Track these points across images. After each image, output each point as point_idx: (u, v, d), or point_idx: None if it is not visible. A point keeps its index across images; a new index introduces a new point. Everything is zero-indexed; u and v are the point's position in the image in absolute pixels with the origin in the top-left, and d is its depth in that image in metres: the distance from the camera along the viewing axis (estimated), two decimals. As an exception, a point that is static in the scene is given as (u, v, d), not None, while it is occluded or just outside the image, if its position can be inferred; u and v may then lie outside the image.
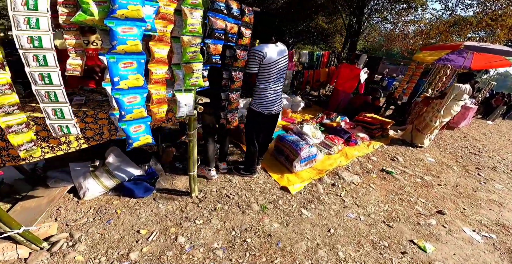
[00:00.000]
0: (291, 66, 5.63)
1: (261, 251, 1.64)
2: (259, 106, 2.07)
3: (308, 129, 3.55)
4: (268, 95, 2.04)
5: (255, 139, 2.28)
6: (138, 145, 1.26)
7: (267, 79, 1.96)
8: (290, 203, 2.20)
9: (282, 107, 2.28)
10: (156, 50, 1.15)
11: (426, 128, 3.95)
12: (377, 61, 5.79)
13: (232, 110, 1.95)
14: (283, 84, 2.18)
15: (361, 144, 3.83)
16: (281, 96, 2.19)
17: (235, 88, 1.82)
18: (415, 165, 3.44)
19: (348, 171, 2.94)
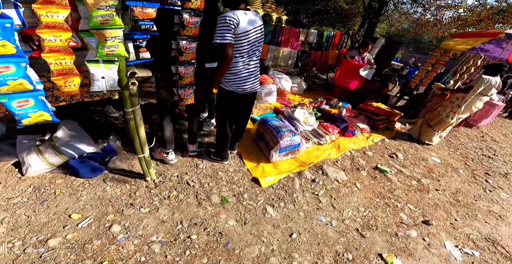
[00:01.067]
0: (296, 46, 5.05)
1: (205, 251, 1.46)
2: (230, 84, 1.75)
3: (300, 114, 3.19)
4: (241, 70, 1.70)
5: (228, 121, 1.99)
6: (31, 123, 1.01)
7: (239, 52, 1.63)
8: (257, 198, 1.98)
9: (259, 85, 1.95)
10: (43, 14, 0.89)
11: (439, 124, 3.49)
12: (396, 46, 4.99)
13: (185, 85, 1.62)
14: (259, 58, 1.82)
15: (359, 135, 3.47)
16: (258, 73, 1.84)
17: (185, 61, 1.48)
18: (416, 164, 3.09)
19: (335, 166, 2.65)
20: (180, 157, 2.26)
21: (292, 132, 2.40)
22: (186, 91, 1.64)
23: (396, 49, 4.96)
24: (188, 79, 1.58)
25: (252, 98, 2.04)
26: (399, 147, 3.47)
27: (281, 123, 2.61)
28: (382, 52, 4.95)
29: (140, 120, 1.46)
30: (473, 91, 3.10)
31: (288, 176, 2.32)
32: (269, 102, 3.99)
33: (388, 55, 4.94)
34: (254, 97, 2.05)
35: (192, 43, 1.46)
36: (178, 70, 1.49)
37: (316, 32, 5.03)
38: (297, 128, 3.07)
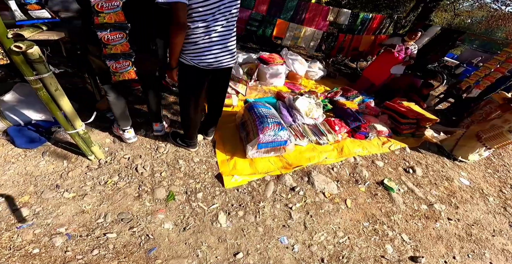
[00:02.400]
0: (322, 26, 4.32)
1: (118, 254, 1.23)
2: (192, 57, 1.37)
3: (303, 103, 2.71)
4: (205, 39, 1.30)
5: (193, 104, 1.64)
6: None
7: (199, 15, 1.20)
8: (212, 201, 1.68)
9: (234, 60, 1.52)
10: None
11: (495, 139, 2.73)
12: (454, 36, 3.88)
13: (115, 56, 1.25)
14: (233, 26, 1.38)
15: (374, 139, 2.90)
16: (230, 43, 1.41)
17: (107, 23, 1.10)
18: (435, 185, 2.51)
19: (328, 174, 2.21)
20: (142, 136, 2.01)
21: (280, 125, 1.97)
22: (119, 63, 1.28)
23: (454, 41, 3.93)
24: (118, 48, 1.21)
25: (225, 76, 1.64)
26: (422, 160, 2.86)
27: (271, 111, 2.18)
28: (433, 43, 3.99)
29: (56, 91, 1.17)
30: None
31: (263, 178, 1.96)
32: (274, 85, 3.51)
33: (440, 48, 3.96)
34: (227, 75, 1.64)
35: (118, 32, 1.09)
36: (100, 35, 1.12)
37: (349, 12, 4.22)
38: (295, 119, 2.62)
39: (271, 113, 2.13)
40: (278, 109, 2.72)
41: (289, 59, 3.81)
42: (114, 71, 1.29)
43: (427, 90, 3.77)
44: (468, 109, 3.64)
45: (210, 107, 1.89)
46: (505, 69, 3.22)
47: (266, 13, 4.29)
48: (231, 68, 1.58)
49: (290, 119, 2.58)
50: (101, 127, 2.00)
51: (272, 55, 3.48)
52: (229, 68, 1.56)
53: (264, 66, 3.29)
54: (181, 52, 1.35)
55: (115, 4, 1.04)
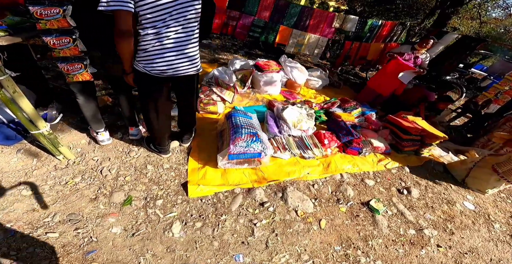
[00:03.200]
0: (327, 33, 4.26)
1: (53, 254, 1.24)
2: (144, 64, 1.37)
3: (291, 113, 2.65)
4: (156, 46, 1.31)
5: (154, 110, 1.61)
6: None
7: (148, 21, 1.22)
8: (171, 209, 1.66)
9: (195, 67, 1.52)
10: None
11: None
12: (472, 44, 3.58)
13: (65, 58, 1.30)
14: (193, 32, 1.38)
15: (369, 155, 2.75)
16: (188, 49, 1.41)
17: (49, 29, 1.16)
18: (432, 208, 2.30)
19: (306, 191, 2.12)
20: (117, 139, 2.07)
21: (254, 136, 1.93)
22: (71, 66, 1.34)
23: (471, 50, 3.65)
24: (66, 52, 1.26)
25: (187, 83, 1.62)
26: (422, 180, 2.65)
27: (250, 121, 2.15)
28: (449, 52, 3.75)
29: (15, 93, 1.25)
30: None
31: (232, 190, 1.92)
32: (268, 93, 3.49)
33: (457, 57, 3.70)
34: (189, 82, 1.63)
35: (64, 37, 1.15)
36: (45, 40, 1.19)
37: (356, 19, 4.12)
38: (281, 130, 2.56)
39: (249, 123, 2.10)
40: (265, 118, 2.69)
41: (288, 66, 3.78)
42: (66, 73, 1.36)
43: (444, 104, 3.52)
44: (485, 127, 3.34)
45: (179, 114, 1.91)
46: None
47: (269, 20, 4.33)
48: (193, 75, 1.58)
49: (276, 130, 2.53)
50: (80, 128, 2.10)
51: (268, 62, 3.48)
52: (190, 75, 1.55)
53: (258, 73, 3.29)
54: (134, 59, 1.38)
55: (54, 12, 1.10)
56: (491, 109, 3.11)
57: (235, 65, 3.71)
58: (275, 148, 2.29)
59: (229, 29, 4.51)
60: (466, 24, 7.63)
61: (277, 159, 2.29)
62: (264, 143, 1.93)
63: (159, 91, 1.52)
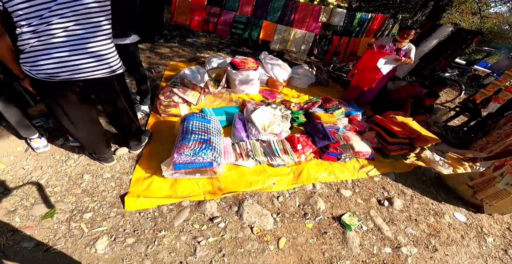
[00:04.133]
0: (314, 27, 4.06)
1: None
2: (28, 67, 1.16)
3: (261, 115, 2.45)
4: (35, 45, 1.10)
5: (65, 117, 1.38)
6: None
7: (24, 20, 1.04)
8: (101, 223, 1.48)
9: (108, 69, 1.30)
10: None
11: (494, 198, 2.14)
12: (468, 37, 3.27)
13: None
14: (98, 27, 1.18)
15: (350, 161, 2.52)
16: (93, 49, 1.20)
17: None
18: (416, 221, 2.08)
19: (268, 205, 1.91)
20: (58, 146, 1.91)
21: (204, 144, 1.73)
22: None
23: (468, 44, 3.36)
24: None
25: (104, 89, 1.40)
26: (408, 189, 2.41)
27: (205, 125, 1.95)
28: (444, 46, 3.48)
29: None
30: None
31: (179, 203, 1.73)
32: (246, 93, 3.29)
33: (452, 51, 3.42)
34: (107, 87, 1.40)
35: None
36: None
37: (344, 12, 3.89)
38: (250, 134, 2.37)
39: (203, 127, 1.90)
40: (234, 121, 2.50)
41: (268, 64, 3.58)
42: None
43: (430, 100, 3.26)
44: (484, 127, 3.07)
45: (110, 120, 1.73)
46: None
47: (251, 15, 4.14)
48: (107, 78, 1.34)
49: (243, 134, 2.34)
50: (13, 131, 1.94)
51: (245, 59, 3.29)
52: (104, 79, 1.31)
53: (233, 71, 3.10)
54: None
55: None
56: (491, 108, 2.85)
57: (212, 64, 3.54)
58: (238, 155, 2.09)
59: (210, 26, 4.34)
60: (467, 19, 7.26)
61: (239, 167, 2.09)
62: (216, 151, 1.73)
63: (63, 97, 1.29)
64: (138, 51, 2.05)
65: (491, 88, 2.89)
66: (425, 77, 3.75)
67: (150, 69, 3.31)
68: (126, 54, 1.87)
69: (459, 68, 5.45)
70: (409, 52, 2.92)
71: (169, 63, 3.76)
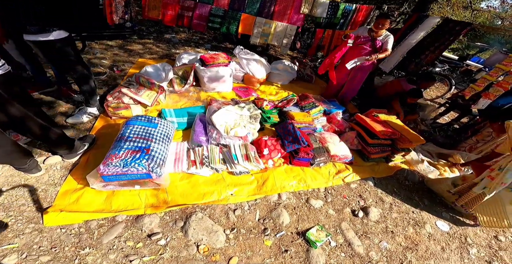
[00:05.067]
0: (296, 20, 3.83)
1: None
2: None
3: (224, 116, 2.22)
4: None
5: None
6: None
7: None
8: (12, 240, 1.28)
9: None
10: None
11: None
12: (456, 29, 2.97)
13: None
14: None
15: (325, 166, 2.30)
16: None
17: None
18: (393, 233, 1.87)
19: (221, 219, 1.69)
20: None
21: (138, 152, 1.49)
22: None
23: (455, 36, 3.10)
24: None
25: None
26: (387, 196, 2.20)
27: (146, 130, 1.70)
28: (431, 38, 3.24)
29: None
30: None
31: (113, 217, 1.51)
32: (217, 91, 3.06)
33: (440, 44, 3.17)
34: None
35: None
36: None
37: (327, 3, 3.66)
38: (210, 138, 2.13)
39: (143, 133, 1.65)
40: (194, 123, 2.27)
41: (243, 59, 3.34)
42: None
43: (411, 99, 3.03)
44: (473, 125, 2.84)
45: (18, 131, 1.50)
46: (524, 74, 2.41)
47: (228, 8, 3.88)
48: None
49: (203, 138, 2.11)
50: None
51: (216, 54, 3.05)
52: None
53: (201, 68, 2.86)
54: None
55: None
56: (481, 105, 2.62)
57: (182, 60, 3.30)
58: (191, 163, 1.86)
59: (185, 21, 4.07)
60: (459, 14, 7.00)
61: (193, 176, 1.87)
62: (155, 161, 1.50)
63: None
64: (73, 48, 1.81)
65: (481, 83, 2.66)
66: (412, 72, 3.51)
67: (112, 67, 3.06)
68: (52, 52, 1.65)
69: (451, 63, 5.23)
70: (386, 42, 2.68)
71: (137, 60, 3.51)
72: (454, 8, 6.57)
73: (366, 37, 2.74)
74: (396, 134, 2.43)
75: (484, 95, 2.63)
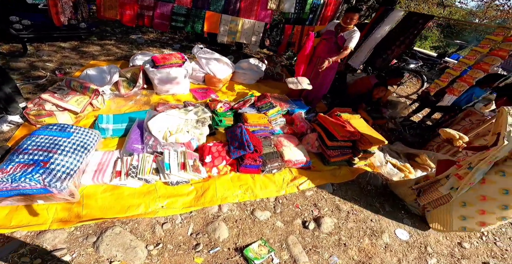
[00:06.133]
0: (264, 16, 3.69)
1: None
2: None
3: (162, 121, 2.04)
4: None
5: None
6: None
7: None
8: None
9: None
10: None
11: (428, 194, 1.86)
12: (419, 21, 2.85)
13: None
14: None
15: (279, 173, 2.13)
16: None
17: None
18: (345, 246, 1.72)
19: (146, 233, 1.50)
20: None
21: (31, 166, 1.29)
22: None
23: (419, 30, 2.99)
24: None
25: None
26: (345, 204, 2.04)
27: (49, 141, 1.50)
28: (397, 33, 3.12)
29: None
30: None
31: (11, 234, 1.31)
32: (172, 93, 2.88)
33: (405, 38, 3.04)
34: None
35: None
36: None
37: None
38: (146, 146, 1.94)
39: (47, 145, 1.46)
40: (130, 130, 2.07)
41: (202, 58, 3.16)
42: None
43: (378, 91, 2.88)
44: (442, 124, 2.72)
45: None
46: (489, 65, 2.29)
47: (191, 6, 3.72)
48: None
49: (137, 146, 1.92)
50: None
51: (169, 54, 2.86)
52: None
53: (151, 69, 2.67)
54: None
55: None
56: (446, 101, 2.50)
57: (136, 61, 3.10)
58: (116, 174, 1.67)
59: (146, 21, 3.89)
60: (435, 11, 6.95)
61: (119, 188, 1.68)
62: (53, 175, 1.30)
63: None
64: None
65: (445, 78, 2.54)
66: (380, 67, 3.39)
67: (55, 71, 2.84)
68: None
69: (429, 60, 5.17)
70: (348, 39, 2.52)
71: (88, 62, 3.29)
72: (429, 5, 6.51)
73: (331, 32, 2.62)
74: (356, 135, 2.28)
75: (448, 90, 2.51)
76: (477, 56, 2.41)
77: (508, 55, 2.28)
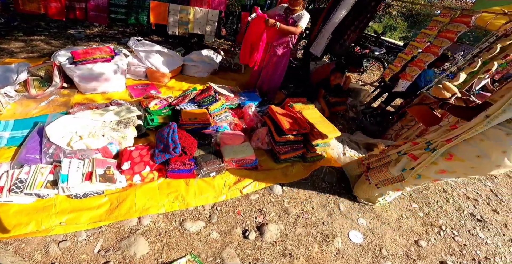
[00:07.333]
0: (218, 4, 3.45)
1: None
2: None
3: (65, 125, 1.75)
4: None
5: None
6: None
7: None
8: None
9: None
10: None
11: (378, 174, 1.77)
12: (372, 4, 2.77)
13: None
14: None
15: (219, 176, 1.89)
16: None
17: None
18: (291, 256, 1.52)
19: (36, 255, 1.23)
20: None
21: None
22: None
23: (371, 13, 2.92)
24: None
25: None
26: (296, 206, 1.85)
27: None
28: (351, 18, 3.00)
29: None
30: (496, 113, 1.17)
31: None
32: (102, 92, 2.55)
33: (359, 22, 2.94)
34: None
35: None
36: None
37: (248, -17, 3.30)
38: (45, 155, 1.61)
39: None
40: (29, 137, 1.73)
41: (140, 52, 2.84)
42: None
43: (335, 77, 2.77)
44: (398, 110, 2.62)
45: None
46: (438, 47, 2.21)
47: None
48: None
49: (32, 157, 1.60)
50: None
51: (95, 49, 2.52)
52: None
53: (68, 66, 2.31)
54: None
55: None
56: (401, 87, 2.40)
57: (58, 58, 2.69)
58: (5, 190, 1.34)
59: (78, 13, 3.52)
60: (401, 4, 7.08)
61: (5, 205, 1.35)
62: None
63: None
64: None
65: (397, 63, 2.45)
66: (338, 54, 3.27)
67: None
68: None
69: (396, 49, 5.19)
70: (299, 20, 2.39)
71: (1, 61, 2.85)
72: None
73: (281, 15, 2.47)
74: (306, 127, 2.09)
75: (401, 76, 2.42)
76: (426, 38, 2.34)
77: (456, 36, 2.21)
